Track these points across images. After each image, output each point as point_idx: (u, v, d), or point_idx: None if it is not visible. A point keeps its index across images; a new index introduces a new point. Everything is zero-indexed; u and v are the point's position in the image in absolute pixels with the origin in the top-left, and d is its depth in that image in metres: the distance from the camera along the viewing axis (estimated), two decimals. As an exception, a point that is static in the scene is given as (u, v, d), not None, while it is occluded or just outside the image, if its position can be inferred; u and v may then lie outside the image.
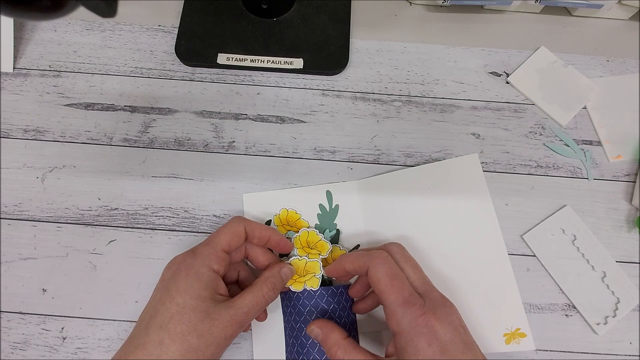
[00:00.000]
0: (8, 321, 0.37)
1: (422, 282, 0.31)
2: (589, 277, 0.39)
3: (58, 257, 0.39)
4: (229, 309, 0.30)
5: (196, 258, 0.31)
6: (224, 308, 0.30)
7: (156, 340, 0.28)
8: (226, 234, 0.33)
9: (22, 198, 0.40)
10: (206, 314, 0.29)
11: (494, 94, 0.46)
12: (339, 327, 0.31)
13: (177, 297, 0.29)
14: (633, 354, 0.37)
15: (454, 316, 0.29)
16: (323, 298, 0.35)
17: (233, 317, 0.30)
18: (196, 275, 0.30)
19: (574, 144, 0.43)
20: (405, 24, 0.49)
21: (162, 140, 0.43)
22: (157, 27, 0.48)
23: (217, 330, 0.29)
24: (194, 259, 0.31)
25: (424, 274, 0.32)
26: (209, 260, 0.31)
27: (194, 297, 0.29)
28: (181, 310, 0.29)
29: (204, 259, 0.31)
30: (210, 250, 0.32)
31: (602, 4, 0.46)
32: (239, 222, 0.34)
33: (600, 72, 0.47)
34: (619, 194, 0.42)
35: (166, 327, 0.28)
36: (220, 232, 0.33)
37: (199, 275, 0.30)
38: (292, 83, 0.46)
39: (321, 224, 0.40)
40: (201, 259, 0.31)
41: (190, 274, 0.30)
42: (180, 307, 0.29)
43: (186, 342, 0.28)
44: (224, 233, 0.33)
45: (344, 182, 0.42)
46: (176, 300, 0.29)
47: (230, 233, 0.33)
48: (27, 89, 0.45)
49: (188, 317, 0.29)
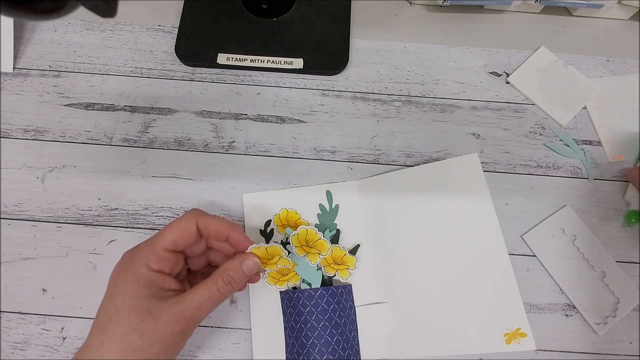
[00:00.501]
0: (8, 321, 0.37)
1: None
2: (589, 277, 0.39)
3: (58, 257, 0.39)
4: (176, 305, 0.29)
5: (134, 257, 0.30)
6: (170, 304, 0.29)
7: (97, 342, 0.28)
8: (172, 232, 0.31)
9: (22, 198, 0.40)
10: (148, 312, 0.28)
11: (494, 94, 0.46)
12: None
13: (115, 298, 0.29)
14: (633, 354, 0.37)
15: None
16: (323, 298, 0.35)
17: (181, 312, 0.29)
18: (134, 276, 0.30)
19: (574, 144, 0.43)
20: (405, 24, 0.49)
21: (162, 140, 0.43)
22: (157, 27, 0.48)
23: (161, 327, 0.28)
24: (133, 259, 0.30)
25: None
26: (147, 260, 0.30)
27: (132, 297, 0.29)
28: (119, 311, 0.28)
29: (142, 259, 0.30)
30: (149, 250, 0.30)
31: (602, 4, 0.46)
32: (190, 219, 0.32)
33: (600, 72, 0.47)
34: (619, 194, 0.42)
35: (105, 328, 0.28)
36: (166, 230, 0.31)
37: (137, 276, 0.29)
38: (292, 83, 0.46)
39: (321, 224, 0.40)
40: (139, 258, 0.30)
41: (127, 275, 0.30)
42: (119, 308, 0.29)
43: (126, 342, 0.28)
44: (169, 231, 0.31)
45: (344, 182, 0.42)
46: (114, 302, 0.29)
47: (177, 232, 0.31)
48: (27, 89, 0.45)
49: (127, 317, 0.28)
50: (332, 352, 0.34)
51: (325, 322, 0.34)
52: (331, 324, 0.34)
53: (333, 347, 0.34)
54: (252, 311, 0.37)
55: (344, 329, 0.35)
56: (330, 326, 0.34)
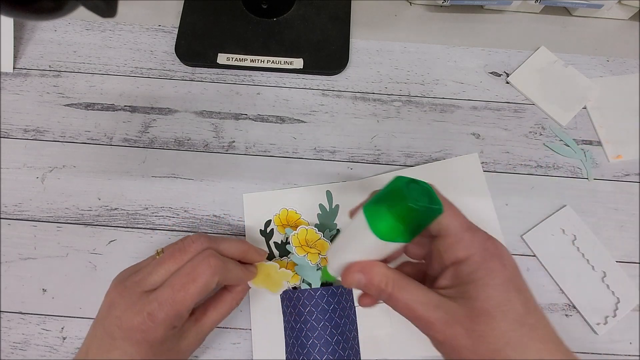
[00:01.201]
0: (8, 321, 0.37)
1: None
2: (589, 277, 0.39)
3: (58, 257, 0.39)
4: (197, 334, 0.31)
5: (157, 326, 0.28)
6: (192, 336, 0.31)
7: None
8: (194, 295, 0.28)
9: (22, 198, 0.40)
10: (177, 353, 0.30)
11: (494, 94, 0.46)
12: (378, 262, 0.27)
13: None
14: (633, 354, 0.37)
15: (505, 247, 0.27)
16: (323, 298, 0.35)
17: (201, 338, 0.32)
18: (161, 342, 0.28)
19: (574, 144, 0.43)
20: (405, 24, 0.49)
21: (162, 140, 0.43)
22: (157, 27, 0.48)
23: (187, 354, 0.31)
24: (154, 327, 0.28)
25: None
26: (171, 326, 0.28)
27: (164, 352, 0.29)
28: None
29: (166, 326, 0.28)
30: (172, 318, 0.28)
31: (602, 4, 0.46)
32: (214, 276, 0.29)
33: (600, 72, 0.47)
34: (619, 194, 0.42)
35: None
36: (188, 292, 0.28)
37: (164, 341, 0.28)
38: (292, 83, 0.46)
39: (321, 224, 0.40)
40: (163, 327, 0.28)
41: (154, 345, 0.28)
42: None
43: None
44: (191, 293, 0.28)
45: (344, 182, 0.42)
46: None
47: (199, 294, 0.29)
48: (27, 89, 0.45)
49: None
50: (332, 352, 0.34)
51: (325, 322, 0.34)
52: (331, 324, 0.34)
53: (333, 347, 0.34)
54: (252, 311, 0.37)
55: (344, 329, 0.35)
56: (330, 326, 0.34)
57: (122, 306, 0.28)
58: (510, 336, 0.23)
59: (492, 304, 0.24)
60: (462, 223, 0.26)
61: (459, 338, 0.24)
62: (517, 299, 0.24)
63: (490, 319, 0.24)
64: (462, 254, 0.25)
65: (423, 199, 0.24)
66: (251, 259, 0.34)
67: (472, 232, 0.26)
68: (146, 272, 0.30)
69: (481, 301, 0.24)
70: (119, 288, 0.30)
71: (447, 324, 0.24)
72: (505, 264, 0.25)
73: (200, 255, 0.30)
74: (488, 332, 0.23)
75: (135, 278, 0.30)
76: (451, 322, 0.24)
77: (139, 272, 0.30)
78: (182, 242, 0.31)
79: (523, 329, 0.23)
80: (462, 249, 0.26)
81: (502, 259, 0.25)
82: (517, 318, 0.24)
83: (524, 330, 0.23)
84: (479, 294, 0.24)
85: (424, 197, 0.25)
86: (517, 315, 0.24)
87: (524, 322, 0.24)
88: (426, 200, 0.25)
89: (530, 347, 0.23)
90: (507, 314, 0.24)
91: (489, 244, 0.26)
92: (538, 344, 0.23)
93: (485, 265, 0.25)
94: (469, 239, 0.26)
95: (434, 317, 0.25)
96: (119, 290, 0.29)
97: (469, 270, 0.25)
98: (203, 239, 0.31)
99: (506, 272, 0.25)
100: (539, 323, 0.24)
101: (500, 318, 0.23)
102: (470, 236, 0.26)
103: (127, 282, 0.30)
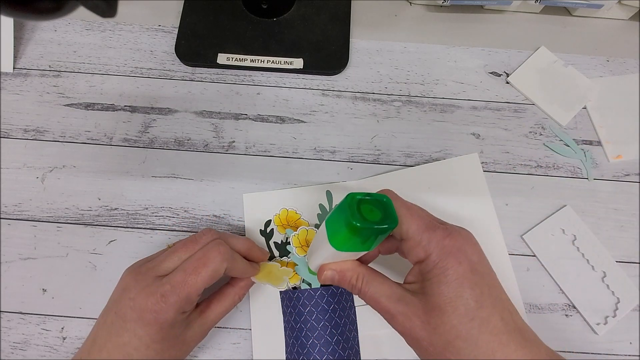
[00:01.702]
0: (8, 321, 0.37)
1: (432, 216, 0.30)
2: (589, 277, 0.39)
3: (58, 257, 0.39)
4: (202, 326, 0.32)
5: (168, 307, 0.29)
6: (197, 327, 0.32)
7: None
8: (205, 279, 0.30)
9: (22, 198, 0.40)
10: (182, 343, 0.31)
11: (494, 94, 0.46)
12: (350, 260, 0.30)
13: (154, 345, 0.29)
14: (633, 354, 0.37)
15: (475, 239, 0.28)
16: (323, 298, 0.35)
17: (205, 331, 0.33)
18: (170, 325, 0.29)
19: (574, 144, 0.43)
20: (405, 24, 0.49)
21: (162, 140, 0.43)
22: (157, 27, 0.48)
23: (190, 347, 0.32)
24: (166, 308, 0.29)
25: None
26: (181, 309, 0.29)
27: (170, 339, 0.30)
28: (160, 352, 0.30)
29: (177, 308, 0.29)
30: (183, 300, 0.29)
31: (602, 4, 0.46)
32: (223, 262, 0.30)
33: (600, 72, 0.47)
34: (619, 194, 0.42)
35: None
36: (199, 276, 0.30)
37: (173, 324, 0.29)
38: (292, 83, 0.46)
39: (321, 224, 0.40)
40: (173, 309, 0.29)
41: (164, 327, 0.29)
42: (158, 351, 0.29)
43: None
44: (202, 277, 0.30)
45: (344, 182, 0.42)
46: (153, 347, 0.29)
47: (210, 278, 0.30)
48: (27, 89, 0.45)
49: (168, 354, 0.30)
50: (332, 352, 0.34)
51: (325, 322, 0.34)
52: (331, 324, 0.34)
53: (333, 347, 0.34)
54: (252, 311, 0.37)
55: (344, 329, 0.35)
56: (330, 326, 0.34)
57: (136, 289, 0.30)
58: (459, 329, 0.25)
59: (444, 300, 0.26)
60: (419, 225, 0.28)
61: (416, 330, 0.26)
62: (469, 295, 0.26)
63: (441, 313, 0.26)
64: (421, 254, 0.27)
65: (375, 215, 0.26)
66: (255, 257, 0.35)
67: (430, 232, 0.27)
68: (159, 260, 0.32)
69: (435, 297, 0.26)
70: (132, 274, 0.31)
71: (406, 317, 0.27)
72: (461, 260, 0.26)
73: (211, 243, 0.32)
74: (440, 325, 0.26)
75: (149, 265, 0.31)
76: (410, 314, 0.27)
77: (153, 260, 0.32)
78: (194, 235, 0.33)
79: (473, 322, 0.25)
80: (421, 250, 0.27)
81: (458, 255, 0.27)
82: (467, 312, 0.25)
83: (474, 324, 0.25)
84: (433, 290, 0.26)
85: (378, 212, 0.26)
86: (468, 309, 0.25)
87: (474, 315, 0.25)
88: (378, 216, 0.26)
89: (479, 339, 0.25)
90: (457, 308, 0.26)
91: (447, 242, 0.27)
92: (488, 336, 0.25)
93: (440, 264, 0.27)
94: (426, 240, 0.27)
95: (395, 309, 0.27)
96: (133, 275, 0.31)
97: (427, 269, 0.27)
98: (213, 232, 0.33)
99: (460, 269, 0.26)
100: (493, 316, 0.26)
101: (451, 312, 0.26)
102: (428, 237, 0.27)
103: (141, 268, 0.31)
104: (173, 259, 0.31)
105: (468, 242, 0.28)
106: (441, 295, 0.26)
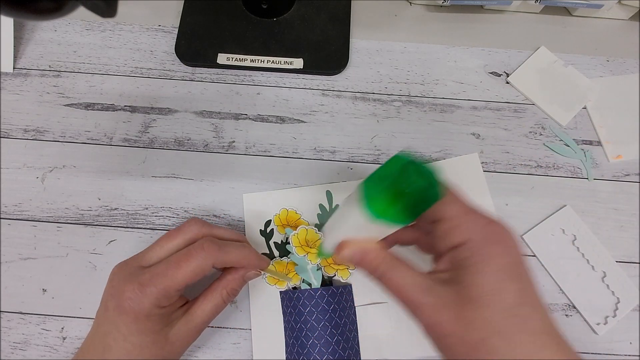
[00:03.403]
0: (8, 321, 0.37)
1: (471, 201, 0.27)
2: (589, 277, 0.39)
3: (58, 257, 0.39)
4: (187, 324, 0.31)
5: (144, 297, 0.28)
6: (182, 325, 0.31)
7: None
8: (187, 275, 0.29)
9: (22, 198, 0.40)
10: (165, 341, 0.30)
11: (494, 94, 0.46)
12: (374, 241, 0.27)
13: (131, 337, 0.29)
14: (633, 354, 0.37)
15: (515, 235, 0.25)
16: (323, 298, 0.35)
17: (192, 329, 0.31)
18: (146, 316, 0.28)
19: (574, 144, 0.43)
20: (405, 24, 0.49)
21: (162, 140, 0.43)
22: (157, 27, 0.48)
23: (179, 348, 0.31)
24: (142, 297, 0.28)
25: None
26: (158, 302, 0.29)
27: (149, 333, 0.29)
28: (138, 347, 0.29)
29: (152, 301, 0.28)
30: (161, 292, 0.28)
31: (602, 4, 0.46)
32: (207, 259, 0.29)
33: (600, 72, 0.47)
34: (619, 194, 0.42)
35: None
36: (180, 270, 0.29)
37: (149, 316, 0.29)
38: (292, 83, 0.46)
39: (321, 224, 0.40)
40: (149, 300, 0.28)
41: (139, 318, 0.28)
42: (136, 345, 0.29)
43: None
44: (184, 272, 0.29)
45: (344, 182, 0.42)
46: (130, 340, 0.29)
47: (192, 274, 0.29)
48: (27, 89, 0.45)
49: (149, 352, 0.29)
50: (332, 353, 0.34)
51: (325, 322, 0.34)
52: (331, 324, 0.34)
53: (333, 347, 0.34)
54: (252, 311, 0.37)
55: (344, 329, 0.35)
56: (330, 326, 0.34)
57: (120, 277, 0.30)
58: (499, 325, 0.23)
59: (484, 291, 0.23)
60: (461, 207, 0.25)
61: (446, 324, 0.23)
62: (511, 288, 0.23)
63: (479, 306, 0.23)
64: (459, 238, 0.25)
65: (421, 182, 0.23)
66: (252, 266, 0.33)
67: (472, 216, 0.25)
68: (145, 251, 0.32)
69: (472, 287, 0.23)
70: (119, 265, 0.32)
71: (435, 309, 0.24)
72: (505, 250, 0.24)
73: (197, 242, 0.31)
74: (476, 319, 0.23)
75: (135, 256, 0.32)
76: (440, 306, 0.24)
77: (140, 252, 0.32)
78: (179, 225, 0.33)
79: (514, 319, 0.23)
80: (459, 233, 0.25)
81: (502, 244, 0.24)
82: (507, 307, 0.23)
83: (515, 320, 0.23)
84: (472, 280, 0.23)
85: (424, 180, 0.23)
86: (509, 304, 0.23)
87: (515, 312, 0.23)
88: (425, 184, 0.23)
89: (518, 338, 0.22)
90: (498, 302, 0.23)
91: (490, 229, 0.25)
92: (527, 336, 0.23)
93: (482, 250, 0.24)
94: (467, 223, 0.25)
95: (423, 300, 0.24)
96: (120, 266, 0.31)
97: (465, 255, 0.24)
98: (199, 221, 0.33)
99: (503, 259, 0.24)
100: (534, 314, 0.23)
101: (490, 306, 0.23)
102: (469, 220, 0.25)
103: (128, 259, 0.32)
104: (156, 249, 0.31)
105: (511, 234, 0.25)
106: (480, 286, 0.23)
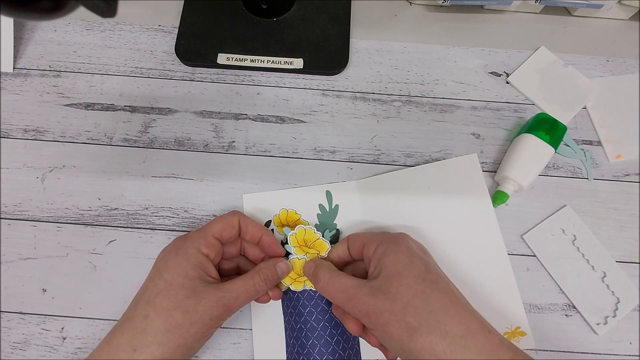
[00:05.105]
0: (8, 321, 0.37)
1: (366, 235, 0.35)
2: (589, 277, 0.39)
3: (58, 257, 0.39)
4: (217, 290, 0.31)
5: (186, 241, 0.33)
6: (212, 289, 0.31)
7: (142, 314, 0.30)
8: (219, 223, 0.34)
9: (22, 198, 0.40)
10: (193, 291, 0.30)
11: (494, 94, 0.46)
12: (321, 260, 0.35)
13: (165, 274, 0.31)
14: (633, 354, 0.37)
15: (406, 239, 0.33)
16: (323, 299, 0.35)
17: (220, 299, 0.31)
18: (185, 255, 0.32)
19: (574, 144, 0.43)
20: (405, 24, 0.49)
21: (162, 140, 0.43)
22: (157, 27, 0.48)
23: (202, 308, 0.30)
24: (184, 241, 0.33)
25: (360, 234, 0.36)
26: (197, 244, 0.32)
27: (181, 275, 0.31)
28: (168, 286, 0.30)
29: (194, 242, 0.33)
30: (200, 235, 0.33)
31: (602, 4, 0.46)
32: (234, 215, 0.35)
33: (600, 72, 0.47)
34: (619, 194, 0.42)
35: (153, 301, 0.30)
36: (214, 221, 0.35)
37: (188, 256, 0.32)
38: (292, 83, 0.46)
39: (321, 223, 0.40)
40: (191, 241, 0.33)
41: (179, 254, 0.32)
42: (168, 283, 0.30)
43: (171, 316, 0.29)
44: (217, 221, 0.34)
45: (344, 182, 0.42)
46: (164, 277, 0.31)
47: (223, 222, 0.34)
48: (27, 89, 0.45)
49: (175, 293, 0.30)
50: (332, 353, 0.34)
51: (325, 323, 0.34)
52: (331, 324, 0.35)
53: (333, 348, 0.34)
54: (253, 311, 0.37)
55: (344, 329, 0.35)
56: (330, 326, 0.34)
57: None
58: (415, 288, 0.29)
59: (400, 266, 0.30)
60: (361, 237, 0.34)
61: (379, 303, 0.29)
62: (419, 261, 0.31)
63: (399, 277, 0.30)
64: (371, 247, 0.33)
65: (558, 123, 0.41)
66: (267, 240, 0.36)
67: (371, 234, 0.34)
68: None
69: (391, 267, 0.30)
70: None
71: (370, 295, 0.30)
72: (407, 241, 0.32)
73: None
74: (399, 288, 0.29)
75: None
76: (373, 292, 0.30)
77: None
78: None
79: (425, 282, 0.29)
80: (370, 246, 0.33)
81: (404, 238, 0.33)
82: (420, 274, 0.30)
83: (426, 283, 0.29)
84: (388, 262, 0.31)
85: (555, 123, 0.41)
86: (420, 272, 0.30)
87: (425, 277, 0.30)
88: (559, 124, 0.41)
89: (432, 296, 0.29)
90: (412, 271, 0.30)
91: (387, 235, 0.34)
92: (438, 293, 0.29)
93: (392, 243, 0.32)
94: (370, 238, 0.34)
95: (361, 292, 0.30)
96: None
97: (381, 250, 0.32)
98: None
99: (409, 244, 0.32)
100: (440, 279, 0.30)
101: (407, 275, 0.30)
102: (370, 236, 0.34)
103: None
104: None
105: (405, 235, 0.34)
106: (396, 264, 0.30)
